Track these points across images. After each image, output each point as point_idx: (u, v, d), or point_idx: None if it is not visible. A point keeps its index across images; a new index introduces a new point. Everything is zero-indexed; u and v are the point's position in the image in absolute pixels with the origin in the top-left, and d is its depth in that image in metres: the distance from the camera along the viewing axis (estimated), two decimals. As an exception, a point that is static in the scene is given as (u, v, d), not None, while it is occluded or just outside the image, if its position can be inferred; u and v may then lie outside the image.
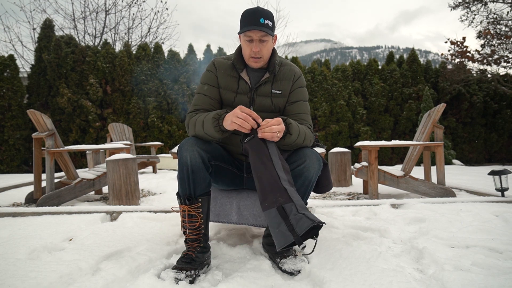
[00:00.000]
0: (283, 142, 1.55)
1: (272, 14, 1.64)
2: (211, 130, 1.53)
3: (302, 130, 1.61)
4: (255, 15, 1.59)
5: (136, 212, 2.47)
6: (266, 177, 1.41)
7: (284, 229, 1.34)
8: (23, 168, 8.25)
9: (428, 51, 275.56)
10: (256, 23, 1.57)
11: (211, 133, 1.54)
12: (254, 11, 1.61)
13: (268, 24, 1.60)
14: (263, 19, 1.59)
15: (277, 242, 1.34)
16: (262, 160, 1.44)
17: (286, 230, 1.33)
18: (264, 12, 1.61)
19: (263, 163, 1.43)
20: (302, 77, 1.81)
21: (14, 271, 1.43)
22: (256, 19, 1.58)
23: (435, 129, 3.52)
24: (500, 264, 1.49)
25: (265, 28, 1.58)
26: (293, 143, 1.58)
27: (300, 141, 1.60)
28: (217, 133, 1.53)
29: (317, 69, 9.33)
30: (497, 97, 9.82)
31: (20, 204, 3.38)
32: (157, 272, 1.46)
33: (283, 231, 1.34)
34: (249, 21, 1.59)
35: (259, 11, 1.60)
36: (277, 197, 1.38)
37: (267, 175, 1.41)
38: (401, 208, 2.66)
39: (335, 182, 4.38)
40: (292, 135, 1.55)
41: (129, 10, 15.89)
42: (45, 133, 3.22)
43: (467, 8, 10.45)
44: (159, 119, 8.65)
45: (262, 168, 1.43)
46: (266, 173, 1.42)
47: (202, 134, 1.57)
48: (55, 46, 8.28)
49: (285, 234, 1.33)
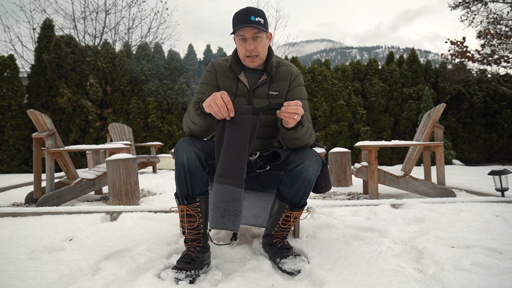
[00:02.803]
0: (294, 134, 1.53)
1: (263, 12, 1.64)
2: (193, 114, 1.50)
3: (310, 127, 1.60)
4: (246, 14, 1.59)
5: (136, 212, 2.47)
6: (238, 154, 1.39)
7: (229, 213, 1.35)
8: (23, 168, 8.25)
9: (428, 51, 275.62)
10: (247, 21, 1.57)
11: (194, 118, 1.51)
12: (244, 10, 1.61)
13: (259, 21, 1.59)
14: (254, 17, 1.58)
15: (212, 221, 1.35)
16: (240, 137, 1.40)
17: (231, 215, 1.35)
18: (255, 10, 1.61)
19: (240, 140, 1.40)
20: (299, 76, 1.80)
21: (14, 271, 1.43)
22: (247, 17, 1.58)
23: (435, 129, 3.52)
24: (500, 264, 1.49)
25: (257, 24, 1.58)
26: (302, 136, 1.55)
27: (306, 136, 1.59)
28: (199, 117, 1.49)
29: (317, 69, 9.33)
30: (497, 97, 9.82)
31: (20, 204, 3.38)
32: (157, 272, 1.46)
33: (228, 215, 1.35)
34: (240, 20, 1.59)
35: (249, 9, 1.60)
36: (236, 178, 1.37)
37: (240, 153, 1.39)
38: (401, 208, 2.66)
39: (335, 182, 4.38)
40: (303, 127, 1.53)
41: (129, 10, 15.91)
42: (45, 133, 3.22)
43: (467, 8, 10.45)
44: (159, 119, 8.65)
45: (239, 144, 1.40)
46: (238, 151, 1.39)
47: (190, 123, 1.55)
48: (55, 46, 8.28)
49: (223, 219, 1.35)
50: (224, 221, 1.33)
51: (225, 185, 1.35)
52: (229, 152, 1.38)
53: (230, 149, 1.38)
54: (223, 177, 1.36)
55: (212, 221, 1.35)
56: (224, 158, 1.38)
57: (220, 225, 1.33)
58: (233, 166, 1.37)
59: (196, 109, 1.50)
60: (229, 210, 1.33)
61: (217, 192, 1.36)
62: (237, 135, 1.39)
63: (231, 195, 1.35)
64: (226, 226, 1.33)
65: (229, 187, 1.35)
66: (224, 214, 1.33)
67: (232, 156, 1.38)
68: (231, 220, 1.33)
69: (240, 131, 1.40)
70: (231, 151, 1.38)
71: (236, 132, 1.40)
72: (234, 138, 1.39)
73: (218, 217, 1.33)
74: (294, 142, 1.58)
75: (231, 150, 1.38)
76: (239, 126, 1.40)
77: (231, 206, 1.34)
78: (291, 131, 1.52)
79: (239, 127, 1.40)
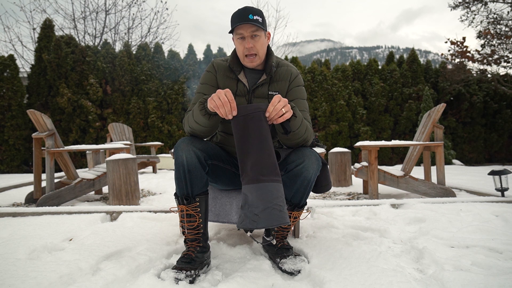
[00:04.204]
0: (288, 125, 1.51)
1: (261, 11, 1.64)
2: (198, 114, 1.50)
3: (304, 122, 1.57)
4: (244, 12, 1.59)
5: (136, 212, 2.47)
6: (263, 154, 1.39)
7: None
8: (23, 168, 8.25)
9: (428, 51, 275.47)
10: (245, 19, 1.57)
11: (199, 118, 1.50)
12: (242, 9, 1.61)
13: (258, 20, 1.60)
14: (252, 15, 1.59)
15: (243, 221, 1.34)
16: (255, 139, 1.40)
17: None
18: (253, 9, 1.61)
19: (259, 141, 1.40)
20: (299, 76, 1.80)
21: (14, 271, 1.43)
22: (245, 15, 1.58)
23: (435, 129, 3.52)
24: (500, 264, 1.49)
25: (255, 22, 1.58)
26: (296, 129, 1.52)
27: (302, 130, 1.55)
28: (203, 117, 1.48)
29: (317, 69, 9.33)
30: (497, 97, 9.82)
31: (20, 204, 3.38)
32: (157, 272, 1.46)
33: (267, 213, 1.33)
34: (238, 18, 1.59)
35: (247, 8, 1.61)
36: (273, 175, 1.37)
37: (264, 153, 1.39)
38: (401, 208, 2.66)
39: (335, 182, 4.38)
40: (297, 118, 1.50)
41: (129, 10, 15.91)
42: (45, 133, 3.22)
43: (467, 8, 10.45)
44: (159, 119, 8.65)
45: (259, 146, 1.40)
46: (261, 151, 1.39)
47: (193, 124, 1.54)
48: (55, 46, 8.28)
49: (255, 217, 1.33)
50: (283, 216, 1.33)
51: (271, 183, 1.36)
52: (257, 151, 1.39)
53: (258, 148, 1.39)
54: (265, 175, 1.36)
55: (268, 219, 1.32)
56: (255, 157, 1.38)
57: (281, 220, 1.32)
58: (269, 164, 1.38)
59: (201, 109, 1.49)
60: (281, 205, 1.35)
61: (264, 190, 1.35)
62: (260, 132, 1.41)
63: (279, 192, 1.36)
64: (286, 221, 1.33)
65: (275, 184, 1.36)
66: (281, 210, 1.34)
67: (263, 153, 1.39)
68: (284, 215, 1.34)
69: (262, 128, 1.41)
70: (259, 150, 1.39)
71: (258, 130, 1.41)
72: (258, 136, 1.40)
73: (276, 214, 1.33)
74: (291, 139, 1.57)
75: (259, 149, 1.39)
76: (259, 123, 1.42)
77: (281, 201, 1.35)
78: (286, 122, 1.50)
79: (259, 123, 1.41)
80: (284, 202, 1.37)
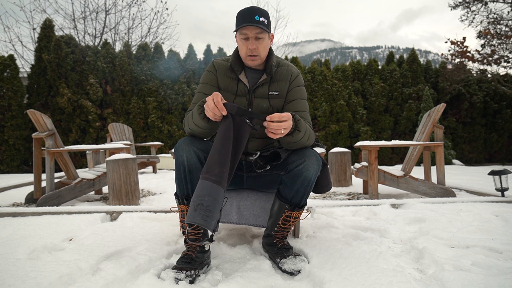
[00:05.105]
0: (290, 139, 1.51)
1: (267, 13, 1.64)
2: (197, 118, 1.50)
3: (308, 129, 1.58)
4: (250, 13, 1.59)
5: (136, 212, 2.47)
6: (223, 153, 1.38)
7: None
8: (23, 168, 8.25)
9: (428, 51, 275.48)
10: (251, 20, 1.57)
11: (198, 121, 1.50)
12: (249, 9, 1.60)
13: (263, 22, 1.59)
14: (258, 17, 1.58)
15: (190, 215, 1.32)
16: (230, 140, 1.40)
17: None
18: (259, 10, 1.60)
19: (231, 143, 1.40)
20: (299, 76, 1.80)
21: (14, 271, 1.43)
22: (251, 16, 1.58)
23: (435, 129, 3.52)
24: (500, 264, 1.49)
25: (261, 24, 1.58)
26: (299, 140, 1.53)
27: (305, 139, 1.57)
28: (202, 120, 1.48)
29: (317, 69, 9.33)
30: (497, 97, 9.82)
31: (20, 204, 3.38)
32: (157, 272, 1.46)
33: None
34: (244, 18, 1.58)
35: (254, 8, 1.60)
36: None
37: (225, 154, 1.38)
38: (401, 208, 2.66)
39: (335, 182, 4.38)
40: (300, 132, 1.51)
41: (129, 10, 15.93)
42: (45, 133, 3.22)
43: (467, 8, 10.45)
44: (159, 119, 8.65)
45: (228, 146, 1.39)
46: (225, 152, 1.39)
47: (193, 126, 1.55)
48: (55, 46, 8.28)
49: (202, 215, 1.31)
50: (195, 215, 1.29)
51: (205, 180, 1.34)
52: (215, 150, 1.38)
53: (216, 147, 1.39)
54: (205, 173, 1.35)
55: (187, 215, 1.33)
56: (210, 156, 1.39)
57: (190, 218, 1.30)
58: (216, 164, 1.36)
59: (200, 112, 1.49)
60: (202, 204, 1.30)
61: (197, 187, 1.35)
62: (222, 134, 1.40)
63: (207, 191, 1.32)
64: (196, 220, 1.29)
65: (208, 183, 1.33)
66: (197, 208, 1.30)
67: (217, 154, 1.38)
68: (202, 215, 1.29)
69: (225, 130, 1.40)
70: (217, 149, 1.38)
71: (221, 131, 1.41)
72: (220, 136, 1.40)
73: (190, 211, 1.31)
74: (292, 145, 1.58)
75: (217, 148, 1.38)
76: (224, 125, 1.42)
77: (205, 201, 1.31)
78: (287, 136, 1.50)
79: (224, 125, 1.41)
80: (210, 204, 1.31)
